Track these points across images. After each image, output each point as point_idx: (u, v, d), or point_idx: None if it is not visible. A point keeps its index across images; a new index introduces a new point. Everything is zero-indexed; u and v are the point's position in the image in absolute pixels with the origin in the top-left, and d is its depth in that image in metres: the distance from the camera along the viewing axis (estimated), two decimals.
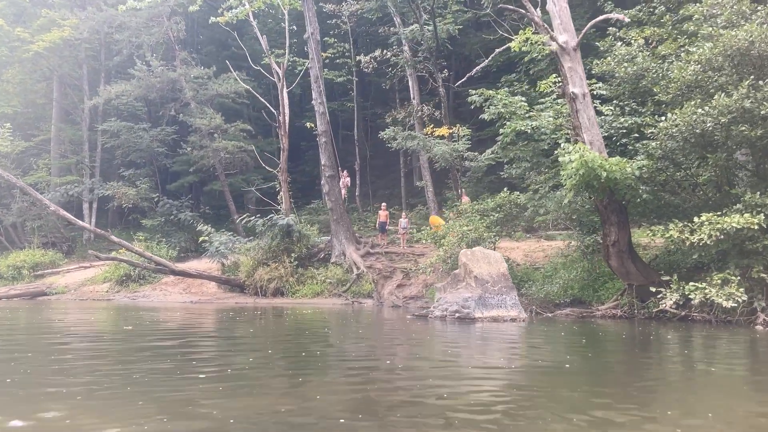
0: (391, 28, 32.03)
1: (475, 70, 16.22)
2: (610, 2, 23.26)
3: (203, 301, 25.11)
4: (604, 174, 13.63)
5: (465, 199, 24.81)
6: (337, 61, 36.62)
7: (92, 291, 28.74)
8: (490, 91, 16.91)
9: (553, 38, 14.69)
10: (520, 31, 15.08)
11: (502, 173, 24.93)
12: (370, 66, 30.99)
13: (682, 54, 14.19)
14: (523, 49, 14.86)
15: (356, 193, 36.09)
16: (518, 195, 20.70)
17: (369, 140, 40.44)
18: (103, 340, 12.73)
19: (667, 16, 17.63)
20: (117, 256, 26.07)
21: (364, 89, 40.34)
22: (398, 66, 31.32)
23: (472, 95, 17.56)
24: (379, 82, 40.57)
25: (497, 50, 15.84)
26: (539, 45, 14.76)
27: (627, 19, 13.91)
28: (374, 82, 40.78)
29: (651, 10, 20.78)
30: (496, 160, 22.94)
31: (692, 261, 15.27)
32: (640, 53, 16.03)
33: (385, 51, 30.64)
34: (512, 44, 15.11)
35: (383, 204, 29.18)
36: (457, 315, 14.01)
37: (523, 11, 15.02)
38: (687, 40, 15.74)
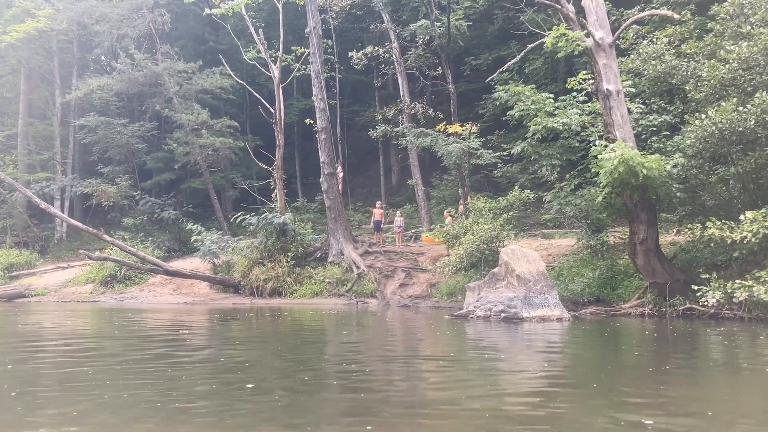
0: (381, 24, 31.57)
1: (506, 65, 15.89)
2: (607, 2, 23.43)
3: (198, 302, 24.21)
4: (644, 172, 13.55)
5: (470, 199, 24.59)
6: None
7: (75, 293, 27.42)
8: (518, 88, 16.66)
9: (589, 34, 14.56)
10: (554, 27, 14.88)
11: (495, 172, 24.90)
12: (361, 62, 30.48)
13: (721, 52, 14.19)
14: (560, 44, 14.63)
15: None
16: (529, 193, 20.62)
17: (346, 138, 39.97)
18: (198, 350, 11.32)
19: (689, 14, 17.70)
20: (108, 255, 25.00)
21: (341, 86, 39.81)
22: (390, 63, 30.86)
23: (498, 91, 17.30)
24: (358, 79, 40.15)
25: (529, 45, 15.61)
26: (574, 41, 14.57)
27: (677, 17, 13.83)
28: (352, 79, 40.33)
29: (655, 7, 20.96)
30: (501, 159, 22.78)
31: (718, 260, 15.31)
32: (666, 52, 16.03)
33: (376, 47, 30.15)
34: (546, 40, 14.90)
35: (378, 202, 28.89)
36: (503, 315, 13.67)
37: (558, 6, 14.84)
38: (714, 39, 15.78)
